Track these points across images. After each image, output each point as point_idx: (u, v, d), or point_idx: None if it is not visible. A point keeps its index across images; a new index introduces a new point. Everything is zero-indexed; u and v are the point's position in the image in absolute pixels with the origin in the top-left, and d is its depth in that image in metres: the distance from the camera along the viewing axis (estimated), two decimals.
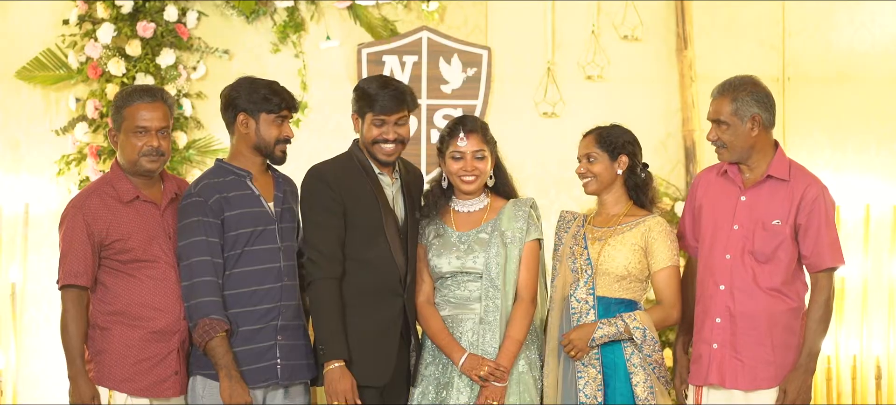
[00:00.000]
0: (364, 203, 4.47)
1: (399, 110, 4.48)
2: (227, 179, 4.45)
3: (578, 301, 4.49)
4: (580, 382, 4.44)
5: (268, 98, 4.46)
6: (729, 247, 4.46)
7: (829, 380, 6.54)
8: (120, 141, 4.42)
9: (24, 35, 6.53)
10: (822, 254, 4.41)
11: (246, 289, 4.36)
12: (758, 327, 4.41)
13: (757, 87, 4.45)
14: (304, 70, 6.60)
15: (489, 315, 4.45)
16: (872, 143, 6.67)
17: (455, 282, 4.50)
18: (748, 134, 4.42)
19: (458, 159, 4.51)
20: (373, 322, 4.45)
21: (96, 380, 4.33)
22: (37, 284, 6.43)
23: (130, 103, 4.39)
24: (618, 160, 4.57)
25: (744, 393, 4.45)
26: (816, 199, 4.42)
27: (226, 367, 4.29)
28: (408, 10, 6.69)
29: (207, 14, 6.59)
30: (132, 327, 4.32)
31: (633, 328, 4.44)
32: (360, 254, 4.45)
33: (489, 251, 4.47)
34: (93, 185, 4.48)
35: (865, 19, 6.71)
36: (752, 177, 4.48)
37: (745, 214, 4.45)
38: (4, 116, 6.54)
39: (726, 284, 4.45)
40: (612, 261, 4.49)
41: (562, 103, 6.70)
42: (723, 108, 4.43)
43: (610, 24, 6.71)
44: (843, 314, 6.53)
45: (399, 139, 4.50)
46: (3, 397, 6.36)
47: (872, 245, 6.58)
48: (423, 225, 4.57)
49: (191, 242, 4.35)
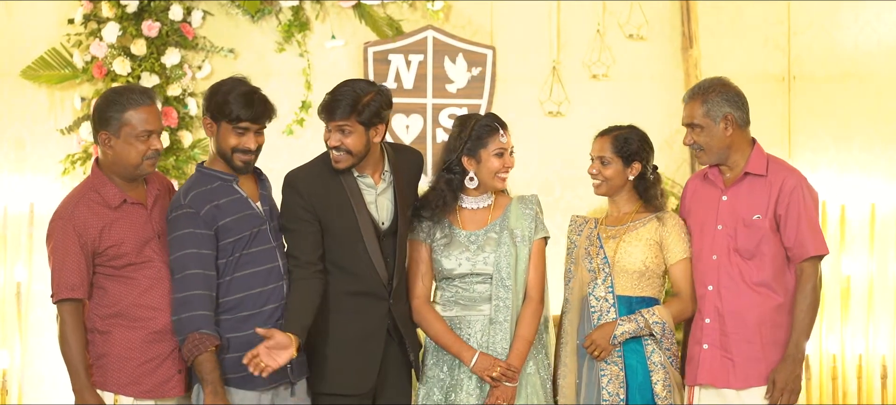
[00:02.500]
0: (338, 209, 4.39)
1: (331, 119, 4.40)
2: (215, 186, 4.35)
3: (597, 299, 4.51)
4: (603, 380, 4.46)
5: (223, 108, 4.31)
6: (715, 247, 4.49)
7: (834, 379, 6.54)
8: (116, 145, 4.26)
9: (30, 34, 6.53)
10: (804, 243, 4.42)
11: (251, 292, 4.31)
12: (746, 325, 4.44)
13: (726, 88, 4.50)
14: (309, 69, 6.60)
15: (499, 315, 4.43)
16: (878, 143, 6.66)
17: (464, 283, 4.47)
18: (723, 134, 4.47)
19: (501, 156, 4.48)
20: (355, 329, 4.40)
21: (100, 385, 4.26)
22: (42, 284, 6.40)
23: (131, 107, 4.25)
24: (631, 167, 4.58)
25: (736, 392, 4.46)
26: (794, 190, 4.44)
27: (212, 384, 4.21)
28: (413, 9, 6.68)
29: (212, 13, 6.59)
30: (132, 329, 4.26)
31: (653, 323, 4.47)
32: (338, 260, 4.40)
33: (499, 251, 4.45)
34: (76, 194, 4.31)
35: (871, 18, 6.70)
36: (732, 176, 4.53)
37: (727, 213, 4.49)
38: (9, 116, 6.54)
39: (714, 284, 4.48)
40: (629, 257, 4.51)
41: (567, 102, 6.70)
42: (695, 112, 4.48)
43: (615, 23, 6.71)
44: (848, 313, 6.53)
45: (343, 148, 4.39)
46: (9, 396, 6.36)
47: (878, 244, 6.57)
48: (427, 226, 4.52)
49: (182, 255, 4.26)
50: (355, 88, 4.37)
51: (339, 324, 4.40)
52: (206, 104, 4.39)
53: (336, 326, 4.40)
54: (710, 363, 4.47)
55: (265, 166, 4.54)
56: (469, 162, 4.47)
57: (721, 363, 4.46)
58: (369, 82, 4.46)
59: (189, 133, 6.51)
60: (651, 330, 4.47)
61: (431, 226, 4.50)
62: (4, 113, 6.55)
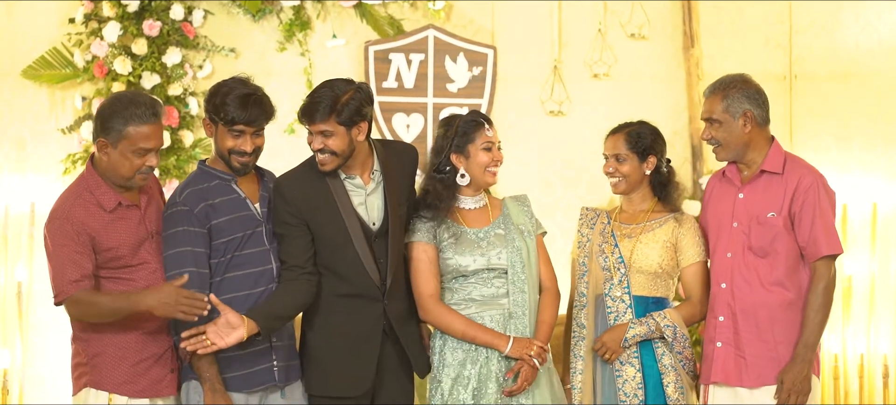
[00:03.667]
0: (325, 212, 4.35)
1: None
2: (212, 185, 4.33)
3: (614, 300, 4.51)
4: (618, 381, 4.46)
5: (219, 109, 4.27)
6: (730, 245, 4.48)
7: (836, 378, 6.53)
8: (112, 155, 4.17)
9: (30, 34, 6.53)
10: (817, 242, 4.41)
11: (239, 294, 4.27)
12: (758, 322, 4.42)
13: (747, 85, 4.50)
14: (310, 69, 6.60)
15: (517, 309, 4.43)
16: (879, 142, 6.67)
17: (479, 280, 4.45)
18: (741, 130, 4.46)
19: (490, 150, 4.48)
20: (349, 331, 4.37)
21: (94, 384, 4.23)
22: (43, 284, 6.32)
23: (133, 122, 4.16)
24: (647, 161, 4.58)
25: (749, 391, 4.44)
26: (810, 188, 4.42)
27: (210, 381, 4.22)
28: (414, 8, 6.68)
29: (213, 12, 6.59)
30: (127, 329, 4.22)
31: (664, 326, 4.46)
32: (328, 263, 4.36)
33: (510, 246, 4.46)
34: (71, 194, 4.24)
35: (872, 18, 6.70)
36: (749, 174, 4.51)
37: (742, 211, 4.48)
38: (10, 115, 6.54)
39: (727, 282, 4.47)
40: (646, 258, 4.51)
41: (568, 102, 6.70)
42: (715, 107, 4.48)
43: (616, 22, 6.71)
44: (850, 313, 6.53)
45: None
46: (9, 396, 6.35)
47: (879, 244, 6.57)
48: (430, 227, 4.50)
49: (177, 253, 4.24)
50: (333, 89, 4.31)
51: (334, 327, 4.38)
52: (205, 104, 4.37)
53: (330, 329, 4.38)
54: (723, 361, 4.45)
55: (265, 166, 4.53)
56: (458, 159, 4.47)
57: (734, 361, 4.44)
58: (348, 81, 4.37)
59: (190, 132, 6.51)
60: (662, 333, 4.47)
61: (435, 227, 4.47)
62: (5, 112, 6.54)
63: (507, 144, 4.72)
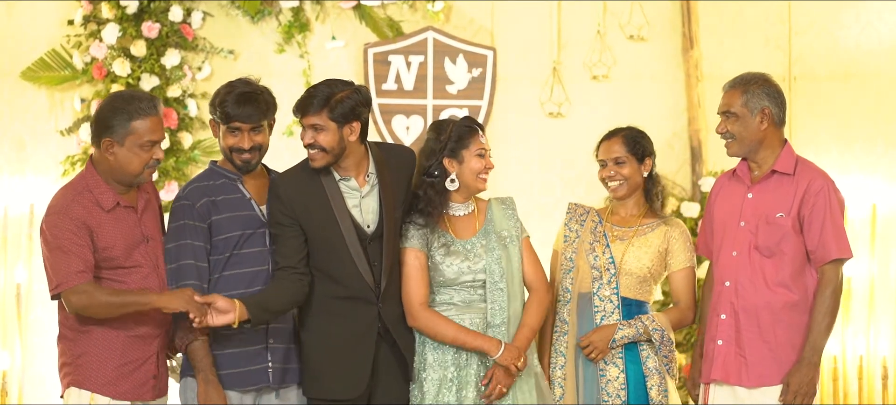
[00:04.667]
0: (318, 214, 4.35)
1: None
2: (218, 183, 4.38)
3: (602, 300, 4.52)
4: (602, 381, 4.48)
5: (217, 109, 4.35)
6: (736, 244, 4.48)
7: (835, 380, 6.54)
8: (119, 153, 4.22)
9: (29, 35, 6.53)
10: (827, 246, 4.40)
11: (235, 292, 4.29)
12: (760, 322, 4.42)
13: (768, 83, 4.51)
14: (310, 70, 6.60)
15: (495, 318, 4.43)
16: (879, 143, 6.66)
17: (464, 288, 4.47)
18: (757, 127, 4.46)
19: (483, 156, 4.49)
20: (344, 333, 4.37)
21: (77, 384, 4.26)
22: (42, 284, 6.35)
23: (137, 117, 4.21)
24: (644, 163, 4.61)
25: (748, 390, 4.45)
26: (820, 191, 4.42)
27: (204, 371, 4.26)
28: (413, 10, 6.68)
29: (212, 14, 6.59)
30: (114, 330, 4.24)
31: (652, 330, 4.48)
32: (322, 265, 4.37)
33: (490, 256, 4.46)
34: (70, 191, 4.27)
35: (872, 18, 6.70)
36: (760, 173, 4.51)
37: (750, 210, 4.48)
38: (9, 117, 6.55)
39: (732, 281, 4.47)
40: (637, 262, 4.53)
41: (567, 103, 6.70)
42: (734, 100, 4.48)
43: (616, 23, 6.70)
44: (849, 314, 6.53)
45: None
46: (9, 397, 6.36)
47: (879, 245, 6.57)
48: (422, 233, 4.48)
49: (178, 245, 4.30)
50: (331, 86, 4.36)
51: (328, 329, 4.38)
52: (209, 106, 4.45)
53: (326, 331, 4.38)
54: (723, 359, 4.46)
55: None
56: (450, 163, 4.47)
57: (734, 360, 4.44)
58: (347, 82, 4.41)
59: (189, 134, 6.51)
60: (650, 336, 4.49)
61: (427, 234, 4.48)
62: (4, 114, 6.55)
63: (506, 145, 4.74)
